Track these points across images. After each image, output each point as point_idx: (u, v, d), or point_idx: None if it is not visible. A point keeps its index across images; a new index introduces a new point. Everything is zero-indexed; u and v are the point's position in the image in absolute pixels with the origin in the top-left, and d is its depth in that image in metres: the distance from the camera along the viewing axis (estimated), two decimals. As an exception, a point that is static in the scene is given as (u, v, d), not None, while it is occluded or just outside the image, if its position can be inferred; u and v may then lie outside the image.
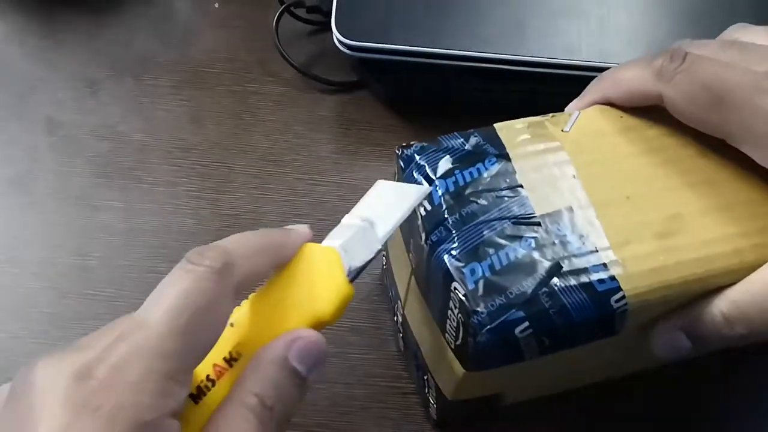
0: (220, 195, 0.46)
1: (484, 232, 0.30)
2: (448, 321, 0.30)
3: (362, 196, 0.32)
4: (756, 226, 0.31)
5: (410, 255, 0.34)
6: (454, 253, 0.30)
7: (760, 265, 0.30)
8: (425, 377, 0.37)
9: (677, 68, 0.31)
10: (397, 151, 0.34)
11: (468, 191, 0.31)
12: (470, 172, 0.32)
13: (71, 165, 0.46)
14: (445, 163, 0.32)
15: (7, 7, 0.53)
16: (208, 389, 0.27)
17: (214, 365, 0.28)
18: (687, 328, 0.31)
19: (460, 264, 0.29)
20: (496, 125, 0.34)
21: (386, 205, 0.31)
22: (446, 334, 0.31)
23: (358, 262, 0.29)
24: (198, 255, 0.27)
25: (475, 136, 0.34)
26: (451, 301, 0.30)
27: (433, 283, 0.31)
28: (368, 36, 0.45)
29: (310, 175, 0.47)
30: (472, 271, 0.29)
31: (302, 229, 0.31)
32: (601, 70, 0.46)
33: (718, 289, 0.30)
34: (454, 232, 0.30)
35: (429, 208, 0.31)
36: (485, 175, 0.32)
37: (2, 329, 0.41)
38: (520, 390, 0.36)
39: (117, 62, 0.51)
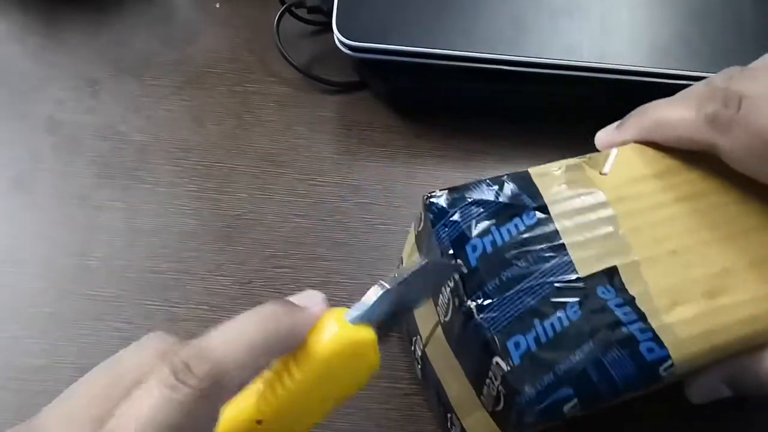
0: (221, 195, 0.46)
1: (527, 300, 0.28)
2: (486, 388, 0.29)
3: (364, 198, 0.32)
4: None
5: (438, 308, 0.32)
6: (496, 323, 0.28)
7: None
8: (449, 415, 0.35)
9: (732, 117, 0.29)
10: (425, 201, 0.32)
11: (507, 253, 0.29)
12: (508, 230, 0.30)
13: (72, 165, 0.46)
14: (480, 221, 0.30)
15: (8, 6, 0.53)
16: None
17: None
18: (730, 380, 0.30)
19: (504, 337, 0.28)
20: (531, 171, 0.32)
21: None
22: (482, 397, 0.29)
23: (359, 308, 0.27)
24: (183, 370, 0.23)
25: (509, 184, 0.31)
26: (491, 372, 0.28)
27: (469, 348, 0.29)
28: (369, 36, 0.45)
29: (311, 176, 0.47)
30: (516, 345, 0.27)
31: (314, 303, 0.27)
32: (602, 70, 0.46)
33: (764, 344, 0.30)
34: (494, 299, 0.28)
35: (465, 271, 0.29)
36: (524, 231, 0.30)
37: (2, 329, 0.41)
38: None
39: (118, 62, 0.51)
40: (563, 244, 0.30)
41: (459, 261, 0.29)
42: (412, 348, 0.38)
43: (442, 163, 0.48)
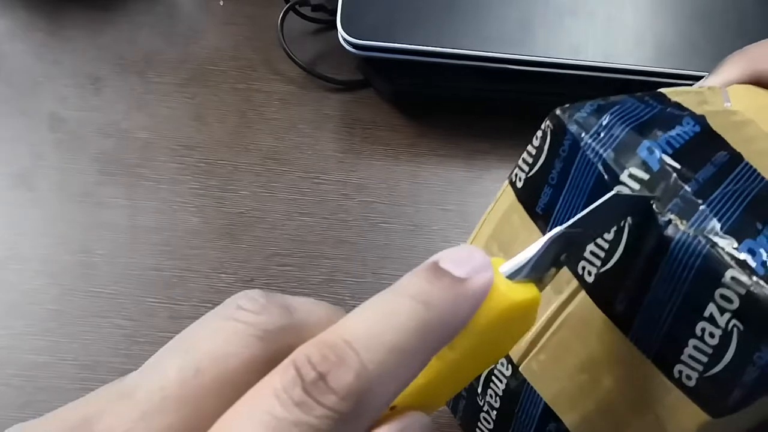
0: (225, 193, 0.46)
1: (740, 200, 0.22)
2: (695, 341, 0.22)
3: (368, 196, 0.31)
4: None
5: (581, 265, 0.25)
6: (716, 229, 0.21)
7: None
8: None
9: None
10: (557, 116, 0.25)
11: (688, 156, 0.23)
12: (678, 135, 0.24)
13: (75, 162, 0.46)
14: (642, 125, 0.24)
15: (12, 3, 0.53)
16: None
17: None
18: None
19: (732, 242, 0.21)
20: (663, 90, 0.27)
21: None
22: (680, 366, 0.22)
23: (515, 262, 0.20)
24: (315, 382, 0.16)
25: (648, 98, 0.26)
26: (713, 305, 0.21)
27: (667, 286, 0.22)
28: (374, 35, 0.45)
29: (315, 174, 0.47)
30: (752, 252, 0.21)
31: (475, 269, 0.18)
32: (607, 70, 0.46)
33: None
34: (702, 204, 0.22)
35: (646, 177, 0.23)
36: (694, 138, 0.24)
37: (5, 326, 0.40)
38: None
39: (121, 59, 0.51)
40: (740, 154, 0.24)
41: (632, 170, 0.23)
42: (466, 400, 0.30)
43: (446, 161, 0.48)
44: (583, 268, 0.24)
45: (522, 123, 0.49)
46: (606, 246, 0.24)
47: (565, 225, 0.21)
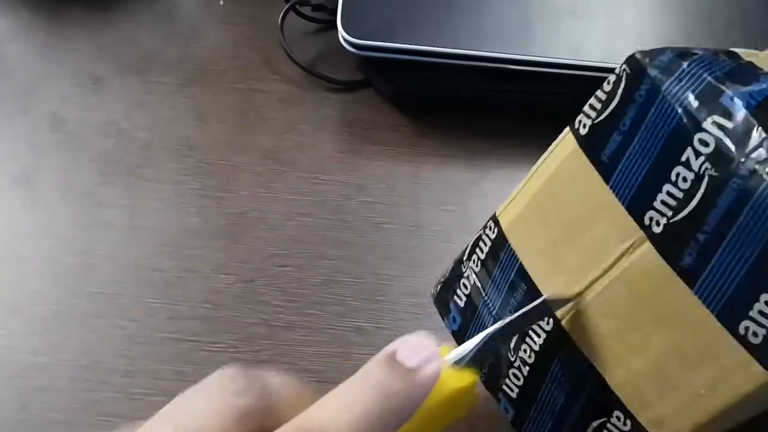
0: (225, 193, 0.46)
1: None
2: (766, 298, 0.22)
3: (368, 196, 0.31)
4: None
5: (649, 215, 0.24)
6: None
7: None
8: (594, 422, 0.27)
9: None
10: (637, 57, 0.25)
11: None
12: (758, 91, 0.24)
13: (75, 162, 0.46)
14: (724, 75, 0.24)
15: (13, 2, 0.53)
16: None
17: None
18: None
19: None
20: (734, 50, 0.26)
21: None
22: (748, 322, 0.22)
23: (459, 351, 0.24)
24: None
25: (722, 54, 0.26)
26: None
27: (745, 237, 0.22)
28: (374, 35, 0.45)
29: (315, 174, 0.47)
30: None
31: (426, 359, 0.23)
32: (608, 70, 0.46)
33: None
34: None
35: (730, 125, 0.23)
36: None
37: (5, 326, 0.40)
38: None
39: (122, 59, 0.51)
40: None
41: (715, 118, 0.23)
42: (504, 351, 0.30)
43: (446, 162, 0.48)
44: (651, 218, 0.24)
45: (522, 123, 0.49)
46: (680, 195, 0.23)
47: (502, 322, 0.24)
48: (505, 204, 0.30)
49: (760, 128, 0.22)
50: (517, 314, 0.25)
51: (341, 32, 0.45)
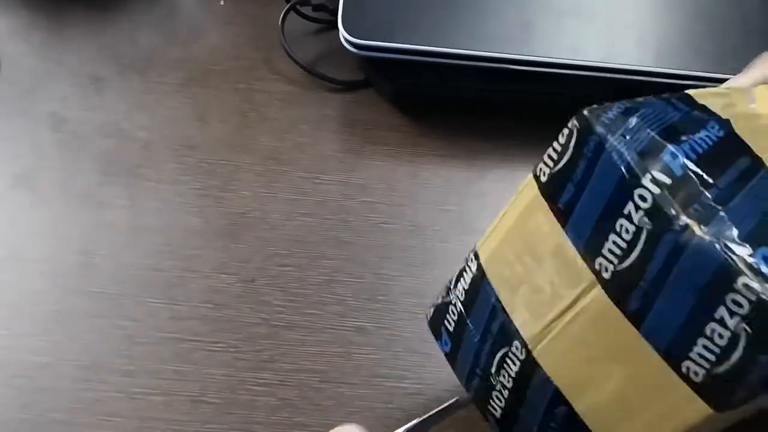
0: (225, 193, 0.46)
1: (758, 208, 0.23)
2: (704, 341, 0.23)
3: (368, 196, 0.32)
4: None
5: (598, 262, 0.25)
6: (732, 236, 0.22)
7: None
8: None
9: None
10: (584, 115, 0.26)
11: (711, 161, 0.24)
12: (702, 139, 0.25)
13: (76, 162, 0.46)
14: (668, 129, 0.25)
15: (13, 2, 0.53)
16: None
17: None
18: None
19: (747, 249, 0.22)
20: (690, 92, 0.28)
21: None
22: (689, 363, 0.23)
23: None
24: None
25: (675, 100, 0.27)
26: (723, 309, 0.22)
27: (677, 292, 0.23)
28: (375, 35, 0.45)
29: (315, 174, 0.47)
30: (766, 261, 0.22)
31: None
32: (608, 70, 0.46)
33: None
34: (721, 210, 0.23)
35: (668, 181, 0.24)
36: (717, 143, 0.25)
37: (6, 326, 0.40)
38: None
39: (122, 59, 0.51)
40: (761, 159, 0.25)
41: (655, 174, 0.24)
42: (484, 370, 0.32)
43: (446, 162, 0.48)
44: (600, 264, 0.25)
45: (523, 123, 0.49)
46: (624, 245, 0.24)
47: (419, 419, 0.27)
48: (483, 238, 0.31)
49: (696, 182, 0.23)
50: (434, 411, 0.29)
51: (342, 32, 0.45)
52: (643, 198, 0.24)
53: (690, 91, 0.28)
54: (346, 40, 0.45)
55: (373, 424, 0.39)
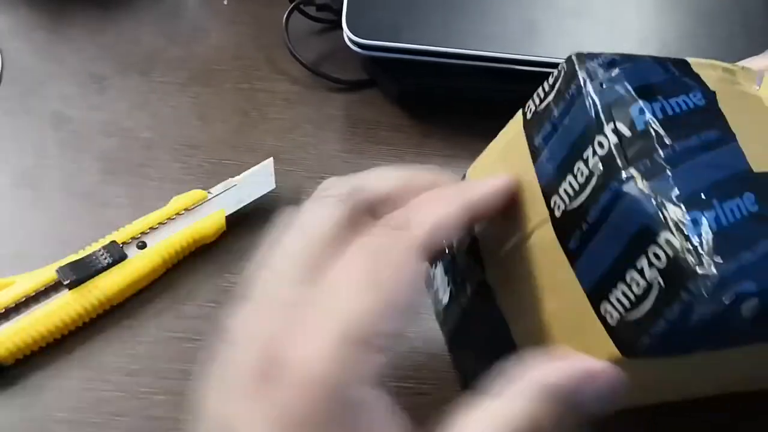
0: (229, 193, 0.45)
1: (709, 176, 0.24)
2: (623, 286, 0.24)
3: None
4: None
5: (553, 199, 0.27)
6: (670, 195, 0.23)
7: None
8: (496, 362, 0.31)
9: None
10: (574, 58, 0.27)
11: (678, 125, 0.25)
12: (677, 103, 0.26)
13: (78, 161, 0.46)
14: (645, 86, 0.26)
15: (15, 1, 0.52)
16: None
17: None
18: None
19: (679, 210, 0.23)
20: (689, 59, 0.29)
21: None
22: (607, 305, 0.25)
23: None
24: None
25: (669, 64, 0.28)
26: (644, 259, 0.23)
27: (610, 237, 0.25)
28: (379, 34, 0.45)
29: (319, 174, 0.46)
30: (695, 222, 0.23)
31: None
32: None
33: None
34: (667, 168, 0.24)
35: (628, 134, 0.25)
36: (693, 110, 0.26)
37: (8, 325, 0.40)
38: (655, 393, 0.31)
39: (125, 58, 0.51)
40: (734, 135, 0.26)
41: (618, 125, 0.25)
42: (447, 291, 0.35)
43: (450, 162, 0.48)
44: (554, 203, 0.27)
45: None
46: (577, 187, 0.26)
47: None
48: (472, 167, 0.35)
49: (654, 139, 0.25)
50: None
51: (346, 32, 0.45)
52: (601, 145, 0.25)
53: (690, 59, 0.29)
54: (350, 40, 0.45)
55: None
